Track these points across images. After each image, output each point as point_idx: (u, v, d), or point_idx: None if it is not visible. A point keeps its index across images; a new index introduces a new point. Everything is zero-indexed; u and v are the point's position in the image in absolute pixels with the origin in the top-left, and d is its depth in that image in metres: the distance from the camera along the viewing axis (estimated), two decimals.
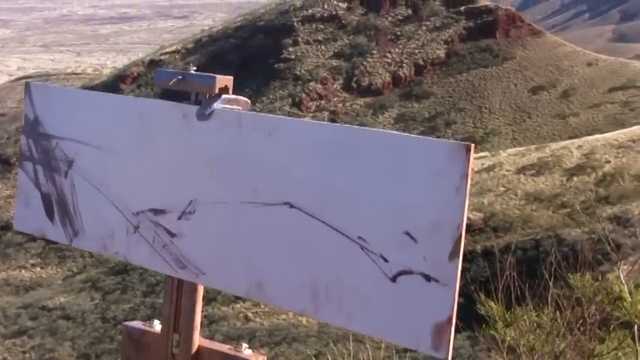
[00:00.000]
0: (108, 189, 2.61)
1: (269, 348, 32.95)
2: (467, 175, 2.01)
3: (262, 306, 38.88)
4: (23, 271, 51.46)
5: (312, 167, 2.22)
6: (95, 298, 45.32)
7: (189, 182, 2.44)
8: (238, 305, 38.79)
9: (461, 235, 2.01)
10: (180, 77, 2.47)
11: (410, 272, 2.06)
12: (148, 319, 2.68)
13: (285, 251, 2.26)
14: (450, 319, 2.02)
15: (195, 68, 2.47)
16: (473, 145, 2.02)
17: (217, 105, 2.41)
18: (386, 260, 2.10)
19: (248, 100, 2.45)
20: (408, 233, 2.06)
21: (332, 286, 2.17)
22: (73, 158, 2.69)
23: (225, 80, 2.43)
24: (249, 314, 38.66)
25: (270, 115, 2.41)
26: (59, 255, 51.34)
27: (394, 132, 2.16)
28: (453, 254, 2.01)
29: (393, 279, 2.09)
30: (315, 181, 2.21)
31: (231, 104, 2.42)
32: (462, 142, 2.02)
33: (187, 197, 2.44)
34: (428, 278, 2.04)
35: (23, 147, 2.79)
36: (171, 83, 2.48)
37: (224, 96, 2.42)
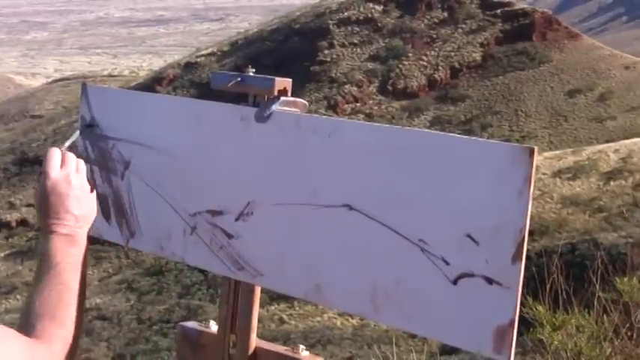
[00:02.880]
0: (165, 190, 2.62)
1: None
2: (530, 178, 2.00)
3: (297, 308, 38.96)
4: None
5: (372, 169, 2.21)
6: (131, 299, 45.57)
7: (247, 184, 2.45)
8: (273, 307, 38.86)
9: (524, 238, 2.00)
10: (240, 79, 2.48)
11: (471, 275, 2.06)
12: (184, 320, 2.70)
13: (344, 253, 2.25)
14: (513, 322, 2.00)
15: (253, 70, 2.48)
16: (536, 149, 2.02)
17: (276, 107, 2.42)
18: (447, 263, 2.09)
19: (306, 103, 2.45)
20: (469, 236, 2.06)
21: (392, 288, 2.17)
22: (130, 159, 2.70)
23: (283, 82, 2.43)
24: (284, 316, 38.72)
25: (330, 118, 2.41)
26: (95, 256, 51.63)
27: (456, 135, 2.15)
28: (516, 257, 2.00)
29: (455, 281, 2.08)
30: (375, 183, 2.21)
31: (289, 106, 2.43)
32: (526, 146, 2.01)
33: (245, 199, 2.45)
34: (490, 281, 2.03)
35: (79, 148, 2.81)
36: (229, 85, 2.49)
37: (282, 98, 2.42)
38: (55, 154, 2.23)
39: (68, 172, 2.21)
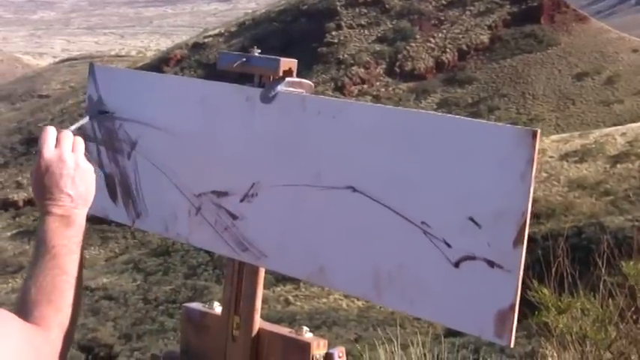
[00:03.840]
0: (171, 171, 2.63)
1: None
2: (533, 161, 1.99)
3: (303, 289, 39.03)
4: None
5: (376, 151, 2.21)
6: (137, 279, 45.68)
7: (251, 165, 2.45)
8: (279, 288, 38.95)
9: (526, 221, 1.99)
10: (245, 60, 2.48)
11: (473, 258, 2.05)
12: (190, 300, 2.70)
13: (347, 235, 2.25)
14: (513, 306, 2.00)
15: (259, 51, 2.48)
16: (539, 131, 2.02)
17: (281, 88, 2.42)
18: (449, 245, 2.09)
19: (311, 84, 2.45)
20: (472, 219, 2.05)
21: (394, 270, 2.17)
22: (137, 140, 2.71)
23: (289, 63, 2.43)
24: (290, 297, 38.80)
25: (335, 99, 2.41)
26: (102, 236, 51.80)
27: (459, 117, 2.15)
28: (518, 241, 2.00)
29: (456, 264, 2.08)
30: (379, 165, 2.20)
31: (294, 87, 2.43)
32: (529, 128, 2.01)
33: (250, 180, 2.45)
34: (492, 264, 2.02)
35: (87, 128, 2.82)
36: (235, 65, 2.49)
37: (288, 79, 2.42)
38: (49, 133, 2.21)
39: (62, 151, 2.18)
